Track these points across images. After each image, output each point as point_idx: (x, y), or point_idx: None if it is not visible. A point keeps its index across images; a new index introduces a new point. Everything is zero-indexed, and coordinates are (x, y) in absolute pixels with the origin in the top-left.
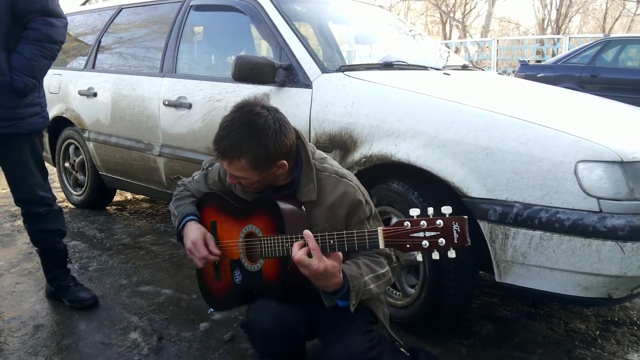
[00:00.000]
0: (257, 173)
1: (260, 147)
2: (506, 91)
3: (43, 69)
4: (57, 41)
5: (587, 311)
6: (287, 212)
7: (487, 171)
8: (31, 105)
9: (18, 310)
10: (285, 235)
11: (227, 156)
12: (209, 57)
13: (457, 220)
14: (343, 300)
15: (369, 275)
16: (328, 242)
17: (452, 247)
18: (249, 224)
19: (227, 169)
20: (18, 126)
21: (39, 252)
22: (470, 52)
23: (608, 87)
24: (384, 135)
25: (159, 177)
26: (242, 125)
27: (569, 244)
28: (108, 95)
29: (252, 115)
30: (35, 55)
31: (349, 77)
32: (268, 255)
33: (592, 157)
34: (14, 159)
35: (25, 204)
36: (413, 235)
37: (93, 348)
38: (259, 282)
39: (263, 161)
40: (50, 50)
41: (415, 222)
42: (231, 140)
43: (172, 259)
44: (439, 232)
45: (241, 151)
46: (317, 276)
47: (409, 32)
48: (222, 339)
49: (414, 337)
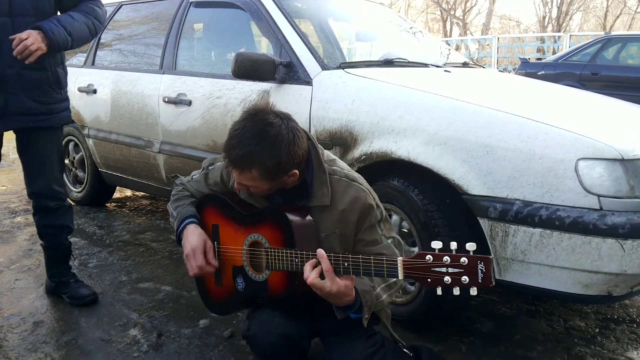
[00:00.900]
0: (267, 182)
1: (273, 158)
2: (507, 89)
3: (81, 36)
4: (101, 20)
5: (586, 309)
6: (298, 226)
7: (488, 169)
8: (64, 100)
9: (18, 306)
10: (295, 250)
11: (238, 166)
12: (209, 54)
13: (482, 260)
14: (356, 313)
15: (381, 286)
16: (342, 264)
17: (475, 286)
18: (255, 233)
19: (237, 177)
20: (53, 120)
21: (44, 246)
22: (471, 49)
23: (609, 85)
24: (385, 132)
25: (158, 174)
26: (255, 136)
27: (569, 241)
28: (108, 92)
29: (264, 124)
30: (81, 21)
31: (349, 74)
32: (275, 267)
33: (593, 155)
34: (40, 152)
35: (38, 197)
36: (435, 270)
37: (93, 344)
38: (263, 293)
39: (275, 172)
40: (94, 25)
41: (438, 256)
42: (243, 151)
43: (172, 255)
44: (463, 270)
45: (253, 162)
46: (329, 296)
47: (409, 29)
48: (222, 336)
49: (414, 335)
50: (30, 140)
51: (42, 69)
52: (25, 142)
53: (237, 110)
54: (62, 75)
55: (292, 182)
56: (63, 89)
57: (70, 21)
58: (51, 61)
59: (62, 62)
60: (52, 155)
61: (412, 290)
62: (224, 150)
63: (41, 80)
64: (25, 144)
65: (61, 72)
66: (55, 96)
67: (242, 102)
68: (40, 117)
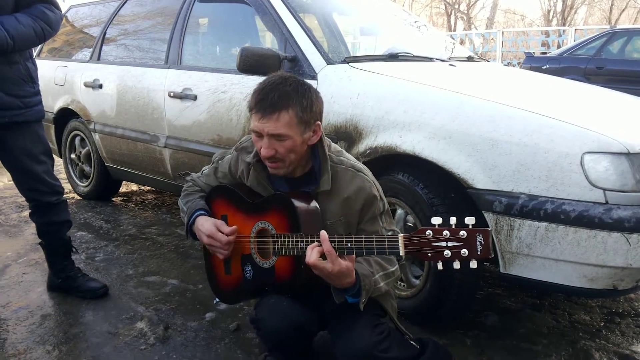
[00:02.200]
0: (300, 131)
1: (306, 98)
2: (512, 82)
3: (26, 39)
4: (52, 25)
5: (591, 302)
6: (303, 211)
7: (493, 162)
8: (37, 94)
9: (25, 300)
10: (300, 235)
11: (276, 108)
12: (214, 49)
13: (481, 232)
14: (353, 298)
15: (380, 273)
16: (345, 244)
17: (474, 258)
18: (262, 220)
19: (272, 127)
20: (28, 114)
21: (44, 245)
22: (475, 43)
23: (614, 79)
24: (389, 126)
25: (164, 169)
26: (285, 80)
27: (574, 235)
28: (113, 86)
29: (287, 75)
30: (27, 24)
31: (354, 69)
32: (281, 253)
33: (599, 149)
34: (23, 148)
35: (36, 193)
36: (435, 245)
37: (100, 337)
38: (270, 279)
39: (308, 114)
40: (42, 29)
41: (438, 231)
42: (279, 92)
43: (178, 249)
44: (462, 243)
45: (290, 101)
46: (330, 277)
47: (414, 23)
48: (228, 329)
49: (418, 328)
50: (8, 137)
51: (13, 62)
52: (3, 140)
53: (242, 105)
54: (33, 69)
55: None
56: (35, 84)
57: (14, 24)
58: (19, 56)
59: (31, 57)
60: (36, 149)
61: (416, 284)
62: (257, 103)
63: (13, 74)
64: (10, 141)
65: (31, 66)
66: (28, 89)
67: (247, 97)
68: (16, 112)
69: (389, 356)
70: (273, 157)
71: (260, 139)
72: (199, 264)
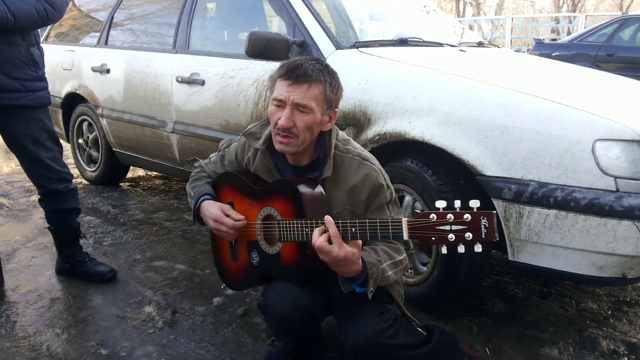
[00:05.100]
0: (322, 110)
1: (335, 80)
2: (523, 69)
3: (28, 19)
4: (56, 6)
5: (599, 291)
6: (308, 197)
7: (503, 149)
8: (40, 80)
9: (34, 283)
10: (305, 220)
11: (308, 79)
12: (222, 34)
13: (485, 215)
14: (361, 287)
15: (387, 262)
16: (350, 229)
17: (479, 242)
18: (268, 207)
19: (300, 97)
20: (28, 98)
21: (53, 230)
22: (484, 30)
23: (625, 67)
24: (399, 112)
25: (172, 154)
26: (317, 60)
27: (584, 223)
28: (121, 71)
29: (317, 58)
30: (30, 3)
31: (363, 54)
32: (287, 239)
33: (610, 136)
34: (27, 134)
35: (43, 179)
36: (439, 228)
37: (108, 321)
38: (277, 265)
39: (334, 95)
40: (45, 10)
41: (442, 214)
42: (312, 66)
43: (185, 234)
44: (466, 226)
45: (322, 76)
46: (336, 263)
47: (423, 8)
48: (235, 314)
49: (426, 315)
50: (10, 123)
51: (13, 44)
52: (6, 125)
53: (250, 90)
54: (38, 55)
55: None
56: (40, 69)
57: (15, 1)
58: (22, 39)
59: (37, 43)
60: (41, 135)
61: (424, 271)
62: (289, 72)
63: (13, 55)
64: (14, 127)
65: (36, 51)
66: (30, 73)
67: (255, 82)
68: (16, 95)
69: (395, 342)
70: (289, 130)
71: (280, 109)
72: (207, 249)
